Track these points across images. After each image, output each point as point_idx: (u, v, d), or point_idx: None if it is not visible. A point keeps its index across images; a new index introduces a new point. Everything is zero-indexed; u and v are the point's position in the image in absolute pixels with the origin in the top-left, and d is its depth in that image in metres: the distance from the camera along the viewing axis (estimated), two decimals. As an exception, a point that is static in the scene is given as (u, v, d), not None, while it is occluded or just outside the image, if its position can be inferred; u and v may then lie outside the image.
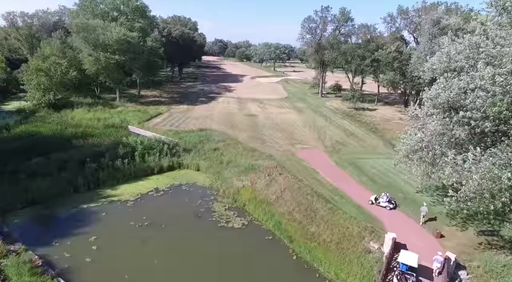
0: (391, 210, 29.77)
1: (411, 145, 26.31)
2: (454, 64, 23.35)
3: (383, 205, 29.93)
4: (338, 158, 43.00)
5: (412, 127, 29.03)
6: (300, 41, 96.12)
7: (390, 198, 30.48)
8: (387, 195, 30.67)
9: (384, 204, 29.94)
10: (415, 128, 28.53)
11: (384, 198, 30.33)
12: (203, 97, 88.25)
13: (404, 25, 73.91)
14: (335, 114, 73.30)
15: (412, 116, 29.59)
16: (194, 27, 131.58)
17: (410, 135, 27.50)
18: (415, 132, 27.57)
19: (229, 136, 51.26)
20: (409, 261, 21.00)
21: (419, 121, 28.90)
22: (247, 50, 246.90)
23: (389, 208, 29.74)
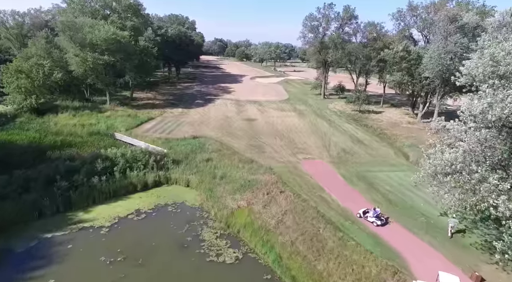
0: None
1: (442, 165, 21.25)
2: (503, 68, 18.21)
3: (370, 220, 27.00)
4: (345, 171, 37.91)
5: (439, 143, 24.00)
6: (302, 40, 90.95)
7: (379, 213, 27.24)
8: (376, 210, 27.49)
9: (371, 219, 26.93)
10: (442, 144, 23.51)
11: (371, 212, 27.31)
12: (200, 100, 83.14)
13: (413, 22, 68.61)
14: (339, 117, 68.16)
15: (438, 129, 24.56)
16: (192, 26, 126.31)
17: (438, 152, 22.48)
18: (444, 148, 22.55)
19: (225, 144, 46.20)
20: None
21: (448, 136, 23.93)
22: (247, 50, 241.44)
23: (376, 224, 26.57)
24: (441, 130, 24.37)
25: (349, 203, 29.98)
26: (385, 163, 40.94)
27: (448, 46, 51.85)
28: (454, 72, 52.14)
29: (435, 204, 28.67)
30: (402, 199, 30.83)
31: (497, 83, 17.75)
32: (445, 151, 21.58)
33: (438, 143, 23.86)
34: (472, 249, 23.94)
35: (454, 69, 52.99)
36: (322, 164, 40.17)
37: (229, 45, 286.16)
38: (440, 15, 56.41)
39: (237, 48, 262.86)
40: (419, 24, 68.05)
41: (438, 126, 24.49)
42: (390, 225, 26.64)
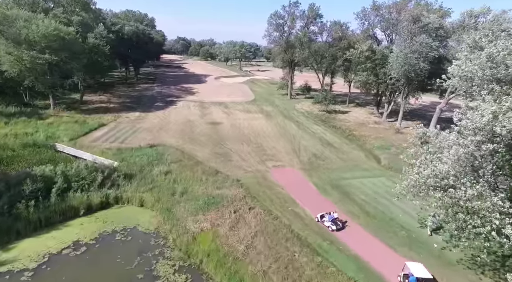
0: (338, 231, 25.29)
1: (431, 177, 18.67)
2: (503, 71, 15.81)
3: (326, 225, 26.01)
4: (318, 179, 35.02)
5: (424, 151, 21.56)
6: (267, 39, 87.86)
7: (335, 218, 26.05)
8: (333, 215, 26.24)
9: (328, 224, 25.89)
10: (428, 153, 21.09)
11: (327, 217, 26.21)
12: (160, 102, 76.78)
13: (377, 21, 68.19)
14: (307, 119, 65.93)
15: (420, 137, 22.21)
16: (151, 23, 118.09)
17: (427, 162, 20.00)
18: (432, 158, 20.10)
19: (187, 153, 41.38)
20: (420, 273, 18.89)
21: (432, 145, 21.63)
22: (211, 49, 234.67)
23: (331, 229, 25.49)
24: (423, 138, 22.03)
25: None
26: (358, 168, 38.74)
27: (413, 46, 51.30)
28: (419, 71, 52.68)
29: (414, 214, 26.82)
30: (379, 210, 28.42)
31: (497, 89, 15.31)
32: (435, 160, 19.04)
33: (422, 151, 21.35)
34: (459, 267, 21.87)
35: (419, 69, 52.97)
36: (293, 172, 36.99)
37: (192, 44, 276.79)
38: (404, 15, 55.98)
39: (201, 47, 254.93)
40: (383, 24, 67.79)
41: (419, 134, 22.14)
42: (372, 243, 23.91)
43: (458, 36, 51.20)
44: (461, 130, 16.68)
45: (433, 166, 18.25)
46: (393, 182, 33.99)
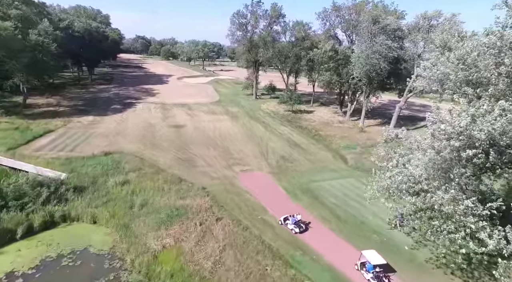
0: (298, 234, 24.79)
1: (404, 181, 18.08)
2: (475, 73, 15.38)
3: (289, 227, 25.46)
4: (287, 183, 33.89)
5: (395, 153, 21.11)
6: (230, 38, 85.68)
7: (297, 220, 25.53)
8: (296, 217, 25.72)
9: (291, 227, 25.38)
10: (399, 156, 20.64)
11: (291, 219, 25.71)
12: (118, 104, 71.43)
13: (338, 22, 69.20)
14: (274, 119, 65.05)
15: (391, 138, 21.78)
16: (105, 20, 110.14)
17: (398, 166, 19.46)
18: (404, 160, 19.62)
19: (147, 160, 38.13)
20: (377, 260, 19.81)
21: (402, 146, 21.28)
22: (173, 48, 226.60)
23: (294, 232, 24.97)
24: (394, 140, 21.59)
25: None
26: (326, 169, 38.29)
27: (374, 47, 52.41)
28: (379, 71, 53.98)
29: (383, 216, 26.60)
30: (350, 214, 27.86)
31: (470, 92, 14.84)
32: (407, 163, 18.49)
33: (392, 154, 20.85)
34: (429, 266, 21.77)
35: (380, 69, 54.32)
36: (261, 176, 35.50)
37: (153, 43, 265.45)
38: (364, 16, 57.13)
39: (162, 46, 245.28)
40: (343, 25, 68.94)
41: (390, 135, 21.67)
42: (346, 250, 23.10)
43: (414, 37, 53.35)
44: (434, 133, 16.12)
45: (407, 170, 17.66)
46: (361, 182, 34.00)
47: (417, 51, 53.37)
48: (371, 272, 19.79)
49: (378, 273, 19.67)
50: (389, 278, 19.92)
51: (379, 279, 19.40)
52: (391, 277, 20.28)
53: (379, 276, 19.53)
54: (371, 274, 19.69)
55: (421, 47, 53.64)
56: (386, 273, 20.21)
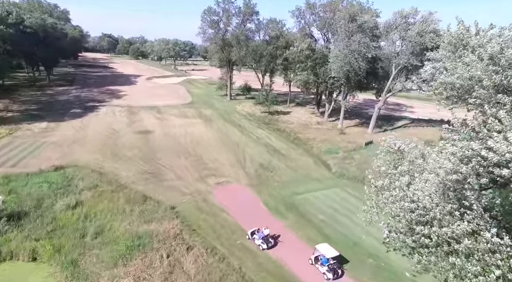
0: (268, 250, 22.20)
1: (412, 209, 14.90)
2: None
3: (257, 243, 22.65)
4: (269, 196, 30.19)
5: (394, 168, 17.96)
6: (202, 36, 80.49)
7: (265, 235, 22.60)
8: (263, 232, 22.74)
9: (258, 242, 22.58)
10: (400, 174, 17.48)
11: (258, 234, 22.79)
12: (78, 108, 64.32)
13: (313, 20, 66.56)
14: (250, 122, 61.22)
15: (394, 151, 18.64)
16: (63, 16, 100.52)
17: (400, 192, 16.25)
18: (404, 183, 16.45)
19: (107, 174, 32.86)
20: (331, 253, 20.01)
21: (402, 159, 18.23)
22: (142, 47, 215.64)
23: (261, 248, 22.26)
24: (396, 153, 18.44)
25: (281, 250, 22.09)
26: (309, 178, 35.01)
27: (352, 45, 50.06)
28: (358, 71, 51.78)
29: (377, 235, 23.61)
30: (340, 233, 24.61)
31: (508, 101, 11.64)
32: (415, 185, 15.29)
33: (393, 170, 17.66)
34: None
35: (358, 68, 52.15)
36: (239, 190, 31.52)
37: (120, 42, 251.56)
38: (339, 14, 54.72)
39: (131, 45, 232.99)
40: (318, 23, 66.40)
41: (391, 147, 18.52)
42: (340, 280, 19.78)
43: (392, 36, 51.67)
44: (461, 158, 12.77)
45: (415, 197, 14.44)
46: (347, 192, 31.10)
47: (395, 50, 51.73)
48: (326, 265, 19.92)
49: (332, 265, 19.94)
50: (342, 269, 20.38)
51: (334, 271, 19.80)
52: (344, 267, 20.82)
53: (334, 268, 19.90)
54: (326, 267, 19.85)
55: (398, 46, 52.09)
56: (339, 263, 20.68)
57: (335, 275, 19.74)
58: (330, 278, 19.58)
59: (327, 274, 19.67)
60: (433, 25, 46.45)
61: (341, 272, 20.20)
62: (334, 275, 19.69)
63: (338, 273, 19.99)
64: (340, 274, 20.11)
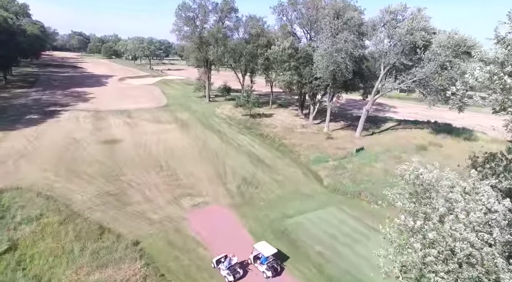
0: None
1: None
2: None
3: (222, 274, 19.06)
4: (254, 221, 25.28)
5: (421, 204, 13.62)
6: (177, 34, 74.09)
7: (232, 265, 19.01)
8: (230, 259, 19.19)
9: (224, 273, 18.94)
10: (433, 210, 13.12)
11: (225, 263, 19.11)
12: (35, 114, 56.46)
13: (295, 17, 62.29)
14: (230, 126, 56.06)
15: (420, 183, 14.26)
16: (22, 11, 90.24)
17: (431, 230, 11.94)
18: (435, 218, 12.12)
19: (57, 199, 26.68)
20: (269, 251, 19.43)
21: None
22: (115, 46, 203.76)
23: (227, 280, 18.65)
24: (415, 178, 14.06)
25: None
26: (300, 195, 30.45)
27: (338, 44, 46.05)
28: (345, 71, 47.90)
29: (386, 271, 19.37)
30: (343, 270, 20.11)
31: None
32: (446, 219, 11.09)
33: (420, 206, 13.33)
34: None
35: (345, 68, 48.34)
36: (219, 213, 26.38)
37: (92, 40, 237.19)
38: (324, 11, 50.66)
39: (103, 43, 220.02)
40: (301, 20, 62.17)
41: (409, 174, 14.11)
42: None
43: (380, 33, 48.19)
44: None
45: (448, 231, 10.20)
46: (345, 212, 26.79)
47: (383, 49, 48.28)
48: (265, 264, 19.53)
49: (271, 263, 19.69)
50: (281, 266, 20.12)
51: (273, 268, 19.50)
52: (284, 263, 20.52)
53: (273, 265, 19.62)
54: (265, 266, 19.47)
55: (386, 44, 48.69)
56: (279, 260, 20.38)
57: (274, 273, 19.37)
58: (269, 276, 19.14)
59: (266, 273, 19.27)
60: (423, 23, 43.32)
61: (280, 269, 19.88)
62: (273, 273, 19.31)
63: (277, 270, 19.66)
64: (280, 270, 19.81)
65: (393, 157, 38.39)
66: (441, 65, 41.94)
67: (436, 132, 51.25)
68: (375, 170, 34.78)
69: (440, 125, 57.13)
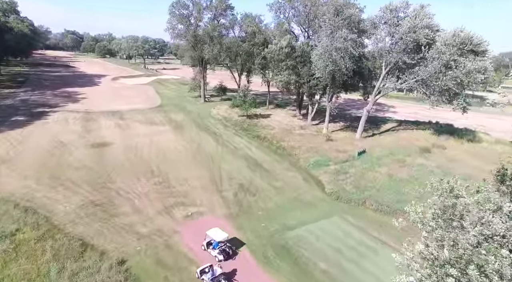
0: None
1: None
2: None
3: None
4: (252, 234, 23.16)
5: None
6: (170, 32, 71.56)
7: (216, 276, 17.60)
8: (216, 270, 17.90)
9: None
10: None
11: (209, 274, 17.72)
12: (22, 115, 53.76)
13: (292, 15, 60.15)
14: (226, 128, 53.86)
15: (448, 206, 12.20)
16: (10, 8, 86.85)
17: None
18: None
19: (36, 211, 24.30)
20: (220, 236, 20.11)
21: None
22: (110, 45, 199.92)
23: None
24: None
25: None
26: (300, 202, 28.42)
27: (338, 42, 44.01)
28: (345, 70, 45.89)
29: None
30: (353, 289, 18.17)
31: None
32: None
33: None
34: None
35: (345, 68, 46.38)
36: (214, 225, 24.09)
37: (86, 39, 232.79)
38: (324, 7, 48.58)
39: (97, 42, 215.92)
40: (298, 18, 60.04)
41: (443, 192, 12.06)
42: None
43: (381, 31, 46.27)
44: None
45: None
46: (350, 223, 24.76)
47: (385, 47, 46.33)
48: (217, 249, 20.16)
49: (223, 248, 20.32)
50: (233, 250, 20.74)
51: (225, 252, 20.15)
52: (240, 248, 21.25)
53: (225, 249, 20.28)
54: (217, 250, 20.10)
55: (388, 43, 46.75)
56: (233, 245, 21.15)
57: (225, 256, 20.05)
58: (221, 260, 19.78)
59: (218, 257, 19.94)
60: (427, 20, 41.44)
61: (232, 252, 20.56)
62: (225, 256, 19.99)
63: (229, 253, 20.34)
64: (231, 254, 20.50)
65: (396, 161, 36.47)
66: (445, 64, 40.13)
67: (438, 134, 49.55)
68: (379, 175, 32.82)
69: (442, 126, 55.47)
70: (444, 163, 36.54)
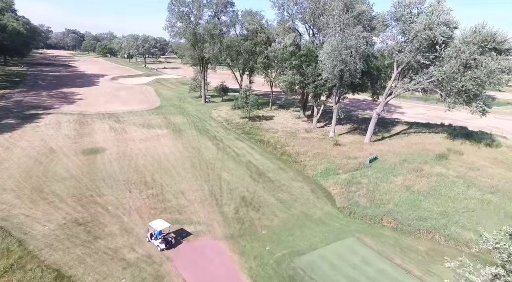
0: None
1: None
2: None
3: None
4: (256, 261, 19.93)
5: None
6: (170, 30, 68.27)
7: None
8: None
9: None
10: None
11: None
12: (13, 118, 50.77)
13: (296, 11, 56.69)
14: (228, 131, 50.65)
15: None
16: (6, 6, 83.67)
17: None
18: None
19: (9, 232, 21.17)
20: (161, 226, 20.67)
21: None
22: (110, 44, 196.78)
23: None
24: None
25: None
26: (309, 220, 25.16)
27: (348, 41, 40.58)
28: (354, 71, 42.42)
29: None
30: None
31: None
32: None
33: None
34: None
35: (354, 68, 42.97)
36: (212, 249, 21.00)
37: (87, 38, 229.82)
38: (332, 4, 45.12)
39: (98, 41, 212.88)
40: (304, 15, 56.51)
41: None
42: None
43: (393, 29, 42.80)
44: None
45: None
46: (367, 246, 21.48)
47: (397, 46, 42.82)
48: (159, 238, 20.44)
49: (165, 237, 20.57)
50: (176, 239, 21.09)
51: (167, 241, 20.38)
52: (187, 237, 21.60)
53: (166, 238, 20.49)
54: (159, 240, 20.34)
55: (400, 41, 43.26)
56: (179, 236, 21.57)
57: (167, 245, 20.27)
58: (163, 249, 20.05)
59: (160, 246, 20.15)
60: (445, 15, 37.92)
61: (174, 241, 20.85)
62: (166, 245, 20.21)
63: (171, 242, 20.56)
64: (174, 243, 20.77)
65: (412, 169, 33.10)
66: (464, 63, 36.68)
67: (453, 137, 46.18)
68: (395, 187, 29.51)
69: (456, 129, 52.02)
70: (464, 171, 33.15)
